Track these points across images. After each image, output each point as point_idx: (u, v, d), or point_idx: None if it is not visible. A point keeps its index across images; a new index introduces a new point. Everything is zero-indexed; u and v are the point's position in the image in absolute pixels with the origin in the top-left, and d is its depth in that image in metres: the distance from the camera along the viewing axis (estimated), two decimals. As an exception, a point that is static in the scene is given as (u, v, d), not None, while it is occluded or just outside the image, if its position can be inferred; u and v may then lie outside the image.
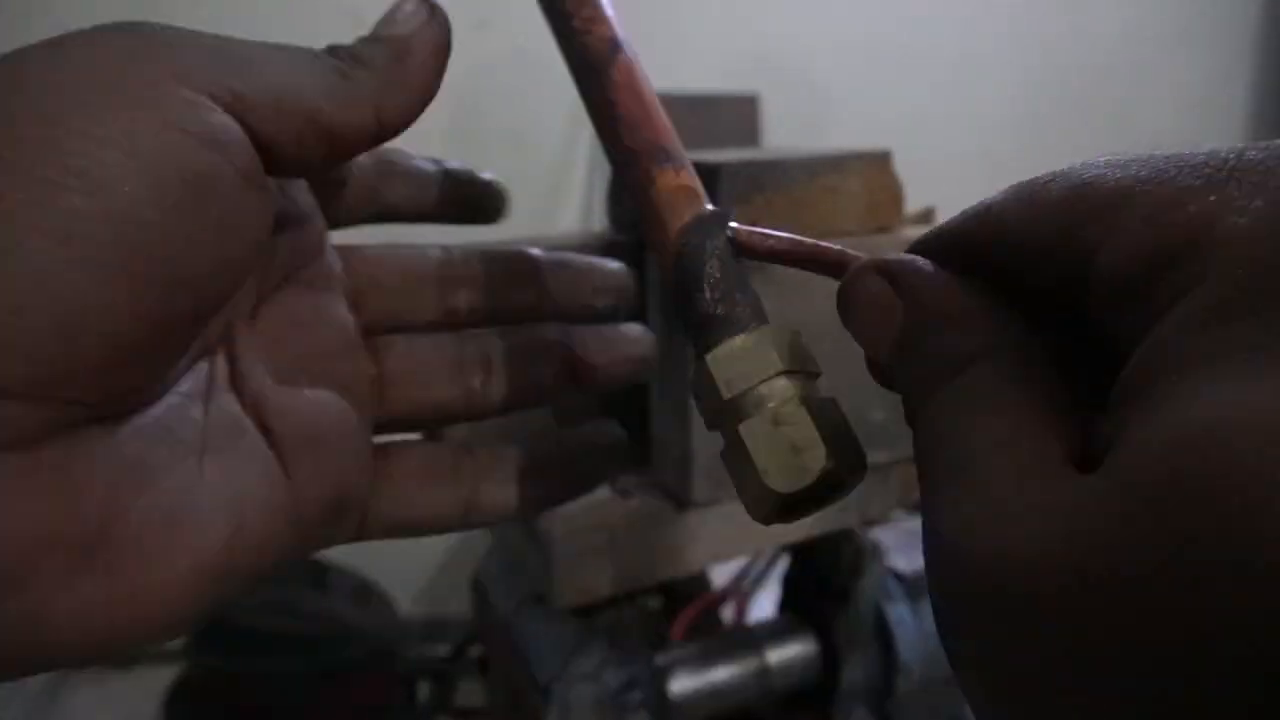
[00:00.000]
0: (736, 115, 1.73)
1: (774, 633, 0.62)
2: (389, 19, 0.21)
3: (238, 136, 0.17)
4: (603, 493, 0.52)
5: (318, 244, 0.24)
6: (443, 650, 1.96)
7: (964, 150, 2.06)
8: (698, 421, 0.49)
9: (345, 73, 0.19)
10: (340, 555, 1.71)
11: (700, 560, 0.53)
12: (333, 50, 0.20)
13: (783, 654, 0.60)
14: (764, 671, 0.60)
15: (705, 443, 0.49)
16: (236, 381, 0.20)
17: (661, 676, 0.56)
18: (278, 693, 1.52)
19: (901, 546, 0.64)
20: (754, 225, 0.22)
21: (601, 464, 0.27)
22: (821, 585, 0.63)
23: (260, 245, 0.18)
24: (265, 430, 0.20)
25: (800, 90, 1.93)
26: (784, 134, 1.83)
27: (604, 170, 1.74)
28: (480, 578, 0.60)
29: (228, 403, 0.20)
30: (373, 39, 0.21)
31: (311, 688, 1.53)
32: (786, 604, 0.68)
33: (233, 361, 0.21)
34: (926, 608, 0.59)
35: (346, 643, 1.53)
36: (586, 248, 0.54)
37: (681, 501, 0.51)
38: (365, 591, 1.64)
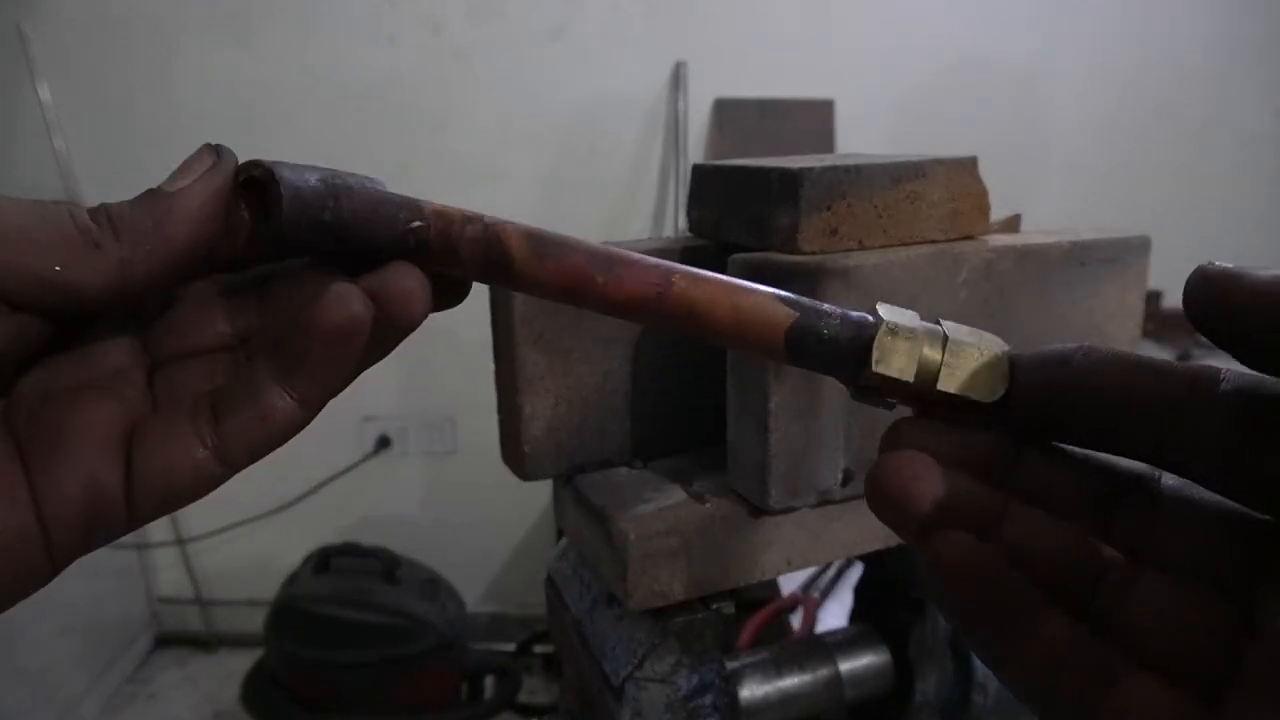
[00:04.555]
0: (811, 120, 1.72)
1: (846, 642, 0.61)
2: (178, 171, 0.22)
3: None
4: (678, 496, 0.53)
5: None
6: (508, 647, 1.99)
7: (1045, 158, 2.01)
8: (774, 428, 0.49)
9: (97, 240, 0.20)
10: (410, 550, 1.75)
11: (774, 567, 0.53)
12: (94, 214, 0.21)
13: (855, 664, 0.60)
14: (835, 681, 0.59)
15: (781, 450, 0.49)
16: None
17: (733, 681, 0.56)
18: (349, 680, 1.57)
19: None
20: (833, 232, 0.22)
21: None
22: (895, 595, 0.62)
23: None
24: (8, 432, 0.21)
25: (876, 96, 1.90)
26: (859, 140, 1.81)
27: (677, 176, 1.74)
28: (553, 576, 0.61)
29: None
30: (147, 196, 0.21)
31: (381, 676, 1.57)
32: (859, 614, 0.68)
33: None
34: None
35: (415, 635, 1.57)
36: (666, 253, 0.54)
37: (757, 508, 0.51)
38: (434, 586, 1.68)
